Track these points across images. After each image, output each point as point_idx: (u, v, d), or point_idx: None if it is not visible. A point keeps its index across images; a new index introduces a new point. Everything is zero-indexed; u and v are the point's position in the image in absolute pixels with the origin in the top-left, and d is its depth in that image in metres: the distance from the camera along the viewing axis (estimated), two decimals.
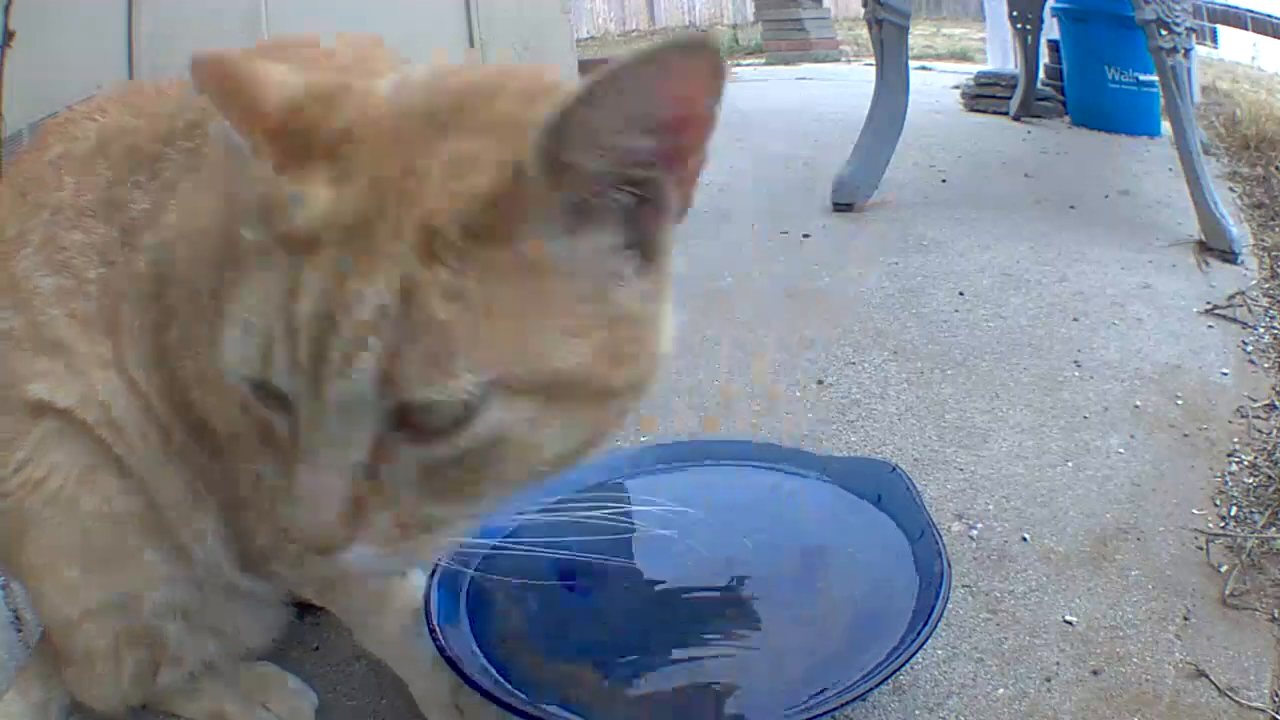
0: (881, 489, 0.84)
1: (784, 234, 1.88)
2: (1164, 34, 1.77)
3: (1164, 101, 1.90)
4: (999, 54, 3.84)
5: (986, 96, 3.09)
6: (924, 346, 1.36)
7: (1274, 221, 1.90)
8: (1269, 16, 4.02)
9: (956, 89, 3.40)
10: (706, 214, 2.05)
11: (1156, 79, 1.92)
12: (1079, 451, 1.08)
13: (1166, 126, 2.28)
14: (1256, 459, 1.06)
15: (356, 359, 0.43)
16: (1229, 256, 1.67)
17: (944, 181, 2.25)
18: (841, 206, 2.00)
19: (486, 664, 0.68)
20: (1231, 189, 2.11)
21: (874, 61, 2.10)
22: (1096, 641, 0.80)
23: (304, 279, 0.44)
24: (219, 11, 2.17)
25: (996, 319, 1.44)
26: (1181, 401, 1.19)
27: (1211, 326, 1.41)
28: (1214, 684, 0.74)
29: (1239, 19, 4.17)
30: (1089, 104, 2.81)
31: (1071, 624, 0.82)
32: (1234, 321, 1.42)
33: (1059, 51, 2.93)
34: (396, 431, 0.45)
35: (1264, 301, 1.49)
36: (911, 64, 2.09)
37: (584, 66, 4.30)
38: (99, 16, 2.15)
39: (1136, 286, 1.55)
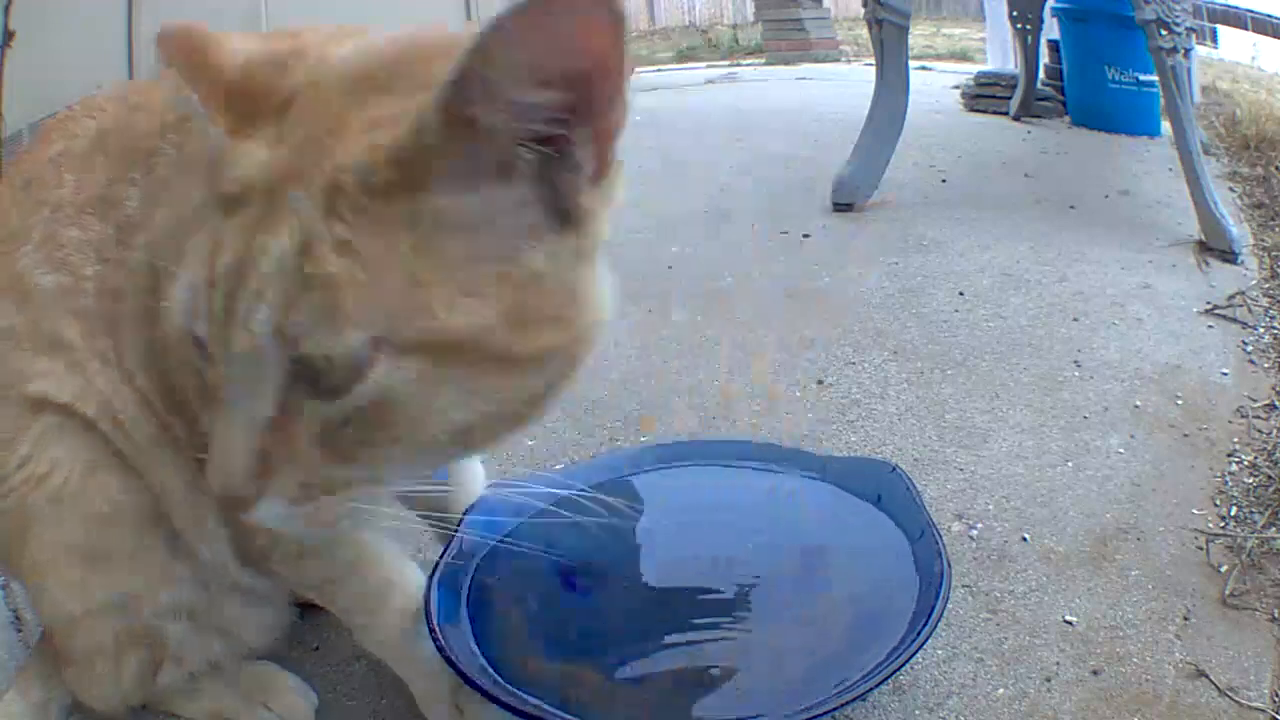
0: (881, 489, 0.84)
1: (784, 234, 1.88)
2: (1164, 34, 1.77)
3: (1164, 101, 1.90)
4: (999, 54, 3.83)
5: (986, 96, 3.09)
6: (924, 346, 1.36)
7: (1274, 221, 1.89)
8: (1269, 16, 4.02)
9: (956, 89, 3.40)
10: (706, 214, 2.05)
11: (1156, 79, 1.92)
12: (1079, 451, 1.08)
13: (1166, 126, 2.27)
14: (1256, 459, 1.06)
15: (256, 311, 0.44)
16: (1229, 256, 1.67)
17: (944, 181, 2.24)
18: (841, 206, 2.00)
19: (486, 664, 0.68)
20: (1231, 189, 2.11)
21: (874, 61, 2.09)
22: (1096, 641, 0.80)
23: (225, 234, 0.45)
24: (219, 11, 2.17)
25: (996, 319, 1.44)
26: (1181, 401, 1.19)
27: (1211, 326, 1.40)
28: (1214, 684, 0.74)
29: (1239, 19, 4.16)
30: (1089, 104, 2.81)
31: (1071, 624, 0.82)
32: (1234, 321, 1.42)
33: (1059, 51, 2.92)
34: (300, 388, 0.45)
35: (1264, 301, 1.49)
36: (911, 64, 2.08)
37: None
38: (99, 16, 2.15)
39: (1136, 286, 1.55)
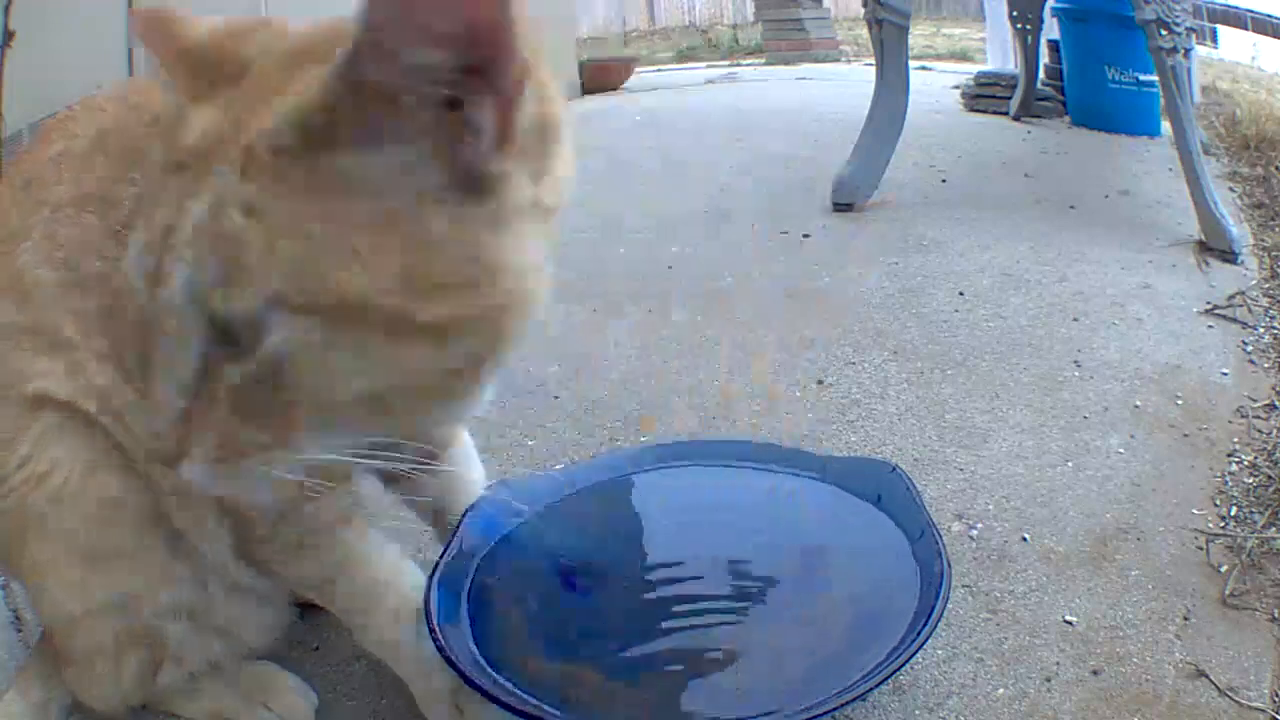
0: (881, 489, 0.84)
1: (784, 234, 1.88)
2: (1164, 34, 1.77)
3: (1164, 101, 1.90)
4: (999, 54, 3.84)
5: (986, 96, 3.09)
6: (924, 346, 1.36)
7: (1274, 221, 1.89)
8: (1269, 16, 4.02)
9: (956, 89, 3.40)
10: (706, 214, 2.05)
11: (1156, 79, 1.92)
12: (1079, 451, 1.08)
13: (1166, 126, 2.28)
14: (1256, 459, 1.06)
15: (175, 270, 0.46)
16: (1229, 256, 1.67)
17: (944, 181, 2.25)
18: (841, 206, 2.00)
19: (486, 664, 0.68)
20: (1231, 189, 2.11)
21: (874, 61, 2.10)
22: (1096, 641, 0.80)
23: (163, 197, 0.47)
24: (219, 12, 2.17)
25: (996, 319, 1.44)
26: (1181, 401, 1.19)
27: (1211, 326, 1.40)
28: (1214, 684, 0.74)
29: (1239, 19, 4.17)
30: (1089, 104, 2.81)
31: (1071, 624, 0.82)
32: (1234, 321, 1.42)
33: (1059, 51, 2.93)
34: (219, 350, 0.47)
35: (1264, 301, 1.49)
36: (911, 64, 2.09)
37: (584, 67, 4.30)
38: (99, 16, 2.15)
39: (1136, 286, 1.55)
